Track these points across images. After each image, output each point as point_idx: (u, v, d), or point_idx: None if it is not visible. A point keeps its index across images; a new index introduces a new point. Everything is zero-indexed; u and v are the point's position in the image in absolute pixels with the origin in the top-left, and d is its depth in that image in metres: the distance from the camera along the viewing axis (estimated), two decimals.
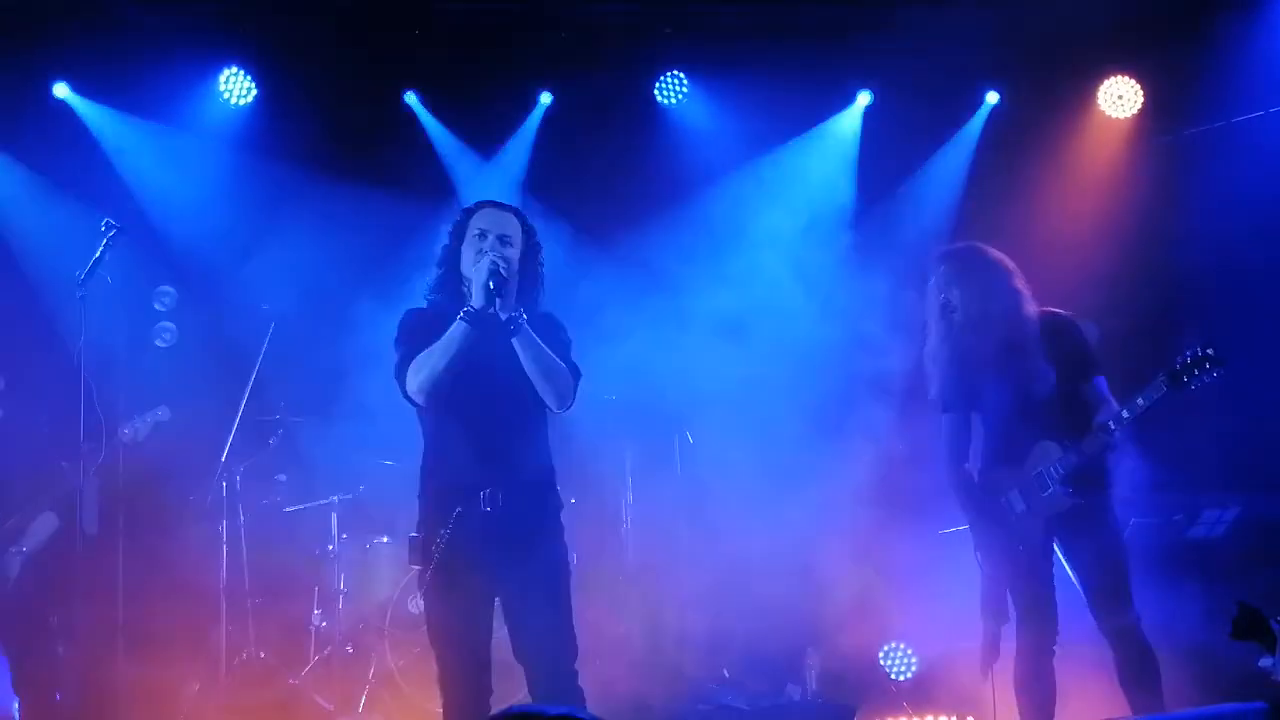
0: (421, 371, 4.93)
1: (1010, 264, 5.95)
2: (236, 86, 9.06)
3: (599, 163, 8.73)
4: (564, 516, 5.22)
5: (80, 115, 8.90)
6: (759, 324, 9.32)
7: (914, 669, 8.45)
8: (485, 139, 9.45)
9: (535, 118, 9.43)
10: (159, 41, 8.68)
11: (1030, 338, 5.80)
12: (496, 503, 4.95)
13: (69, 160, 8.79)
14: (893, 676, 8.41)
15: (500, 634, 5.13)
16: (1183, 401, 5.54)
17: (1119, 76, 9.44)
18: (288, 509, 8.38)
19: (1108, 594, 5.71)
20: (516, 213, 5.20)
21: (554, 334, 5.15)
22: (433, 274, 5.21)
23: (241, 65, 9.05)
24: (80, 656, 7.57)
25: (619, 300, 8.05)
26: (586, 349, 5.50)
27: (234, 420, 8.19)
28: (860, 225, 9.35)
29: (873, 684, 8.25)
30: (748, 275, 9.46)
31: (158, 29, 8.66)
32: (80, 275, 6.60)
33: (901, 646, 8.48)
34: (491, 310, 4.87)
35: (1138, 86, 9.40)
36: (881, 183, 9.52)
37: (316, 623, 8.23)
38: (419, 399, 5.01)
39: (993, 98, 9.54)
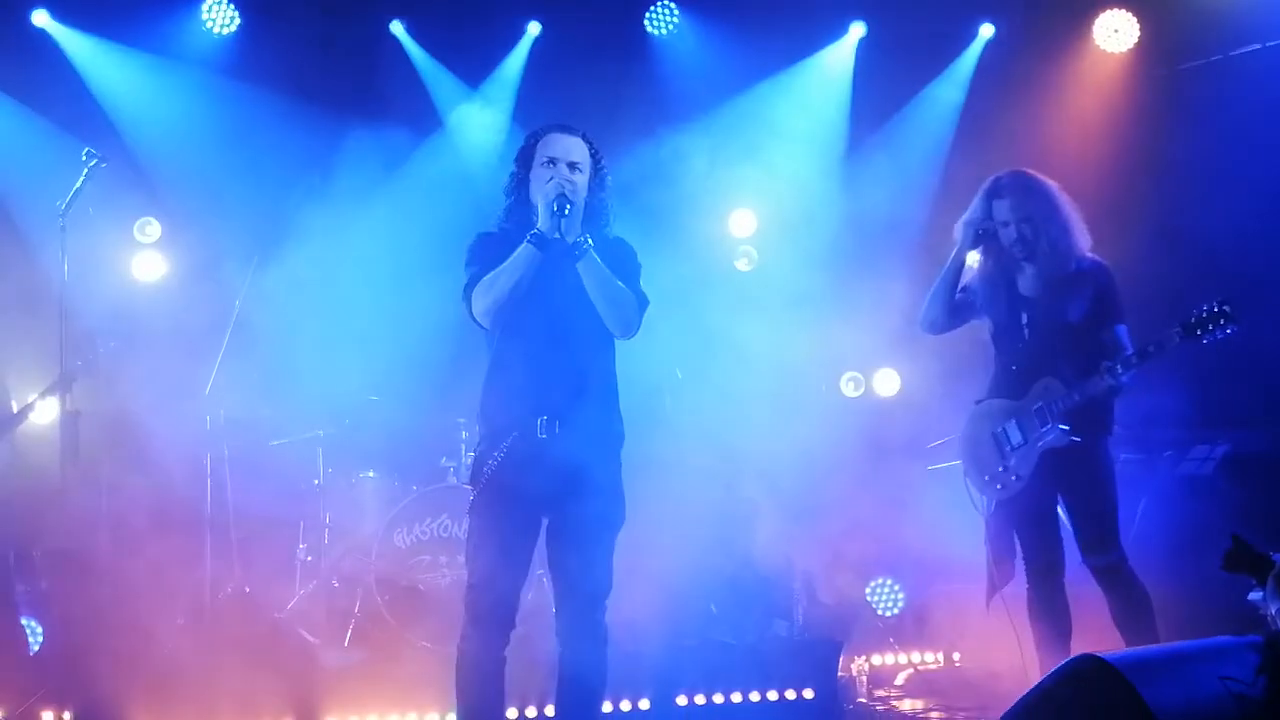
0: (489, 294, 4.87)
1: (1066, 196, 5.84)
2: (220, 15, 8.93)
3: (588, 94, 8.61)
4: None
5: (60, 44, 8.77)
6: (749, 256, 9.29)
7: (901, 606, 8.46)
8: (472, 69, 9.34)
9: (523, 48, 9.32)
10: None
11: (1070, 273, 5.73)
12: (553, 431, 4.89)
13: (49, 89, 8.69)
14: (879, 613, 8.42)
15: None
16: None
17: (1115, 10, 9.36)
18: (273, 442, 8.32)
19: (1093, 534, 5.69)
20: (584, 136, 5.07)
21: (623, 259, 5.05)
22: (501, 202, 5.10)
23: None
24: (64, 590, 7.54)
25: None
26: None
27: (218, 353, 8.11)
28: (852, 158, 9.28)
29: (860, 621, 8.25)
30: (739, 207, 9.42)
31: None
32: (61, 205, 6.52)
33: (888, 583, 8.49)
34: (558, 234, 4.80)
35: (1134, 20, 9.32)
36: (875, 115, 9.43)
37: (302, 557, 8.21)
38: (484, 321, 4.96)
39: (987, 31, 9.46)
